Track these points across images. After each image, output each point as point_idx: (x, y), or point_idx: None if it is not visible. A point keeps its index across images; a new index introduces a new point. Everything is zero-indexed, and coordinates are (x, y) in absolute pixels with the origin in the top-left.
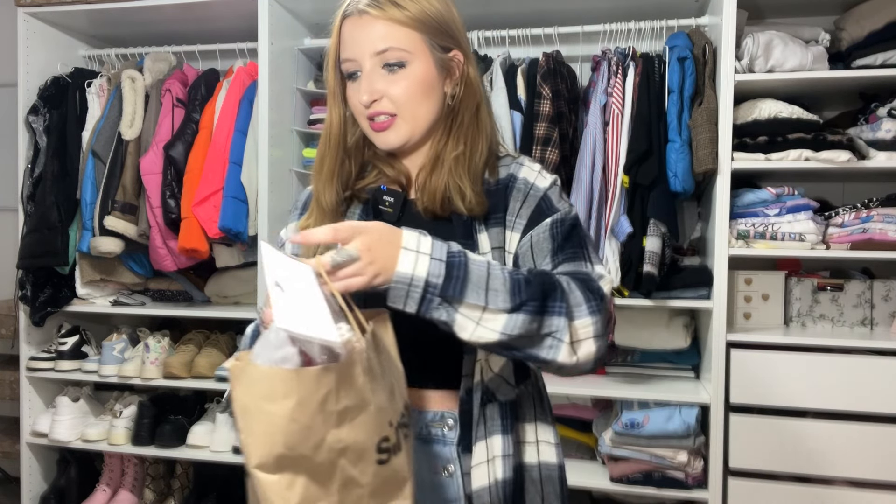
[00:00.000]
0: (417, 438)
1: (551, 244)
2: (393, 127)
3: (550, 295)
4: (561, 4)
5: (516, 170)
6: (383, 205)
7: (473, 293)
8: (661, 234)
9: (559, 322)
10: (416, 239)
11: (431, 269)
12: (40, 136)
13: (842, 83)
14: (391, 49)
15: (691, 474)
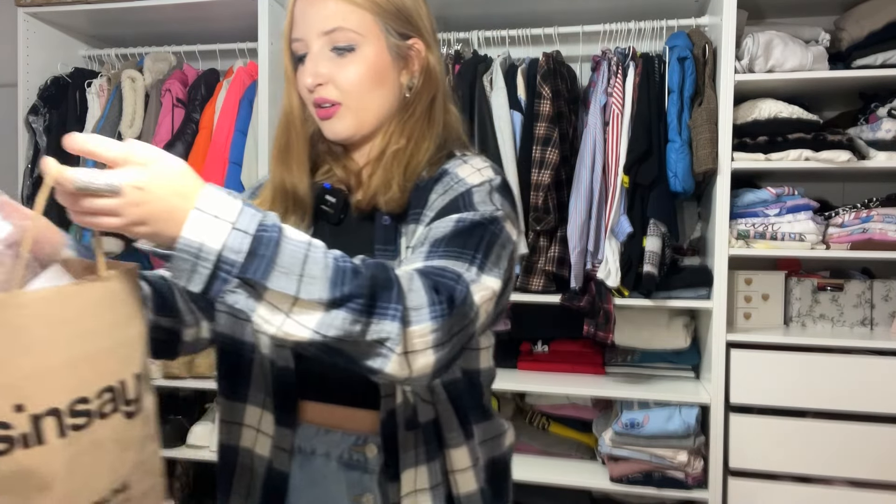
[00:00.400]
0: (339, 462)
1: (440, 234)
2: (339, 115)
3: (383, 292)
4: (561, 4)
5: (454, 165)
6: (325, 204)
7: (283, 278)
8: (661, 234)
9: (391, 327)
10: (220, 200)
11: (231, 241)
12: (40, 136)
13: (842, 83)
14: (340, 29)
15: (691, 474)
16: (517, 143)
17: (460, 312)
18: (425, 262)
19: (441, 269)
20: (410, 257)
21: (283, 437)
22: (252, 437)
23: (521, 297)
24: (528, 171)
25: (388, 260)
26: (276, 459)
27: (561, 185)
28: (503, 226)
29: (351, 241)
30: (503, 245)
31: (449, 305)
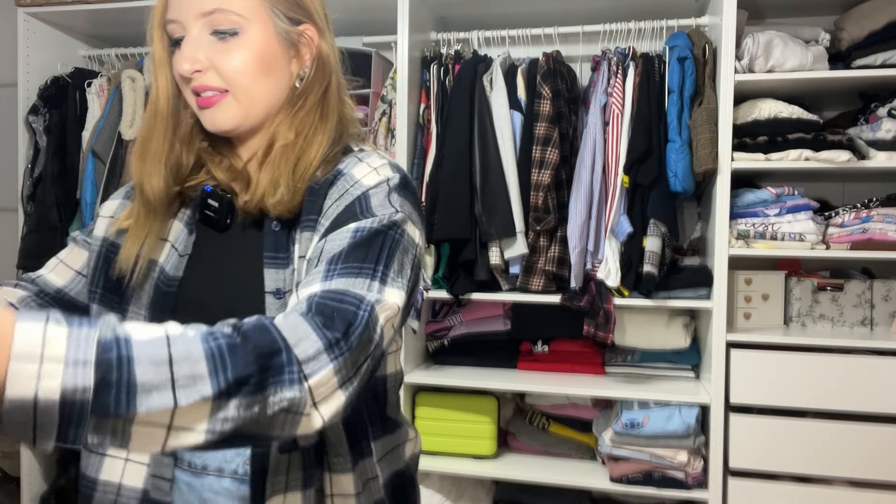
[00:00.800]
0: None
1: (337, 250)
2: (221, 105)
3: (271, 360)
4: (561, 4)
5: (350, 165)
6: (209, 209)
7: (151, 396)
8: (661, 234)
9: (291, 393)
10: (40, 334)
11: (69, 381)
12: (40, 136)
13: (842, 83)
14: (220, 11)
15: (691, 474)
16: (517, 143)
17: (363, 341)
18: (323, 283)
19: (341, 294)
20: (307, 277)
21: (161, 464)
22: (118, 467)
23: (521, 297)
24: (528, 171)
25: (278, 270)
26: (155, 489)
27: (561, 185)
28: (404, 229)
29: (237, 249)
30: (405, 250)
31: (346, 339)
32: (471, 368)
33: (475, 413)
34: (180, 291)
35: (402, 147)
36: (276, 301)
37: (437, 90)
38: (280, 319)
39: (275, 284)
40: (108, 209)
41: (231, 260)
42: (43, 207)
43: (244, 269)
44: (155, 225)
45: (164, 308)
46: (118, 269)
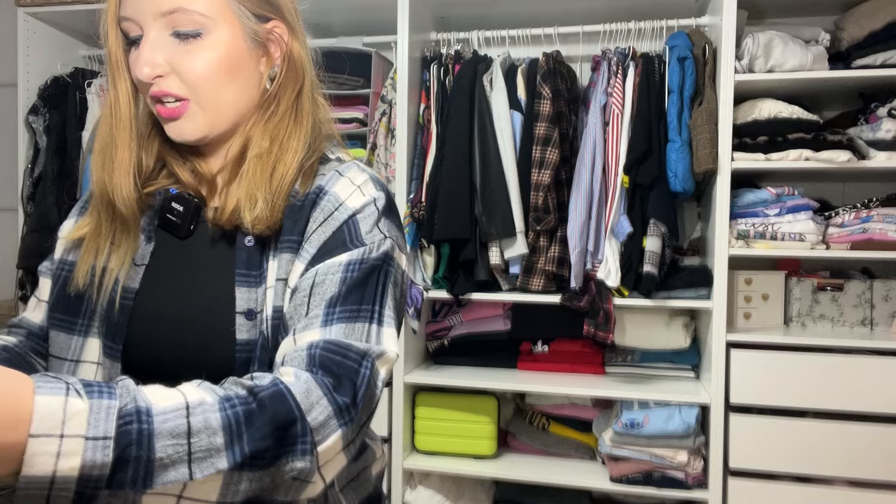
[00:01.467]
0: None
1: (335, 295)
2: (187, 115)
3: (287, 431)
4: (561, 4)
5: (331, 182)
6: (172, 213)
7: (169, 472)
8: (661, 234)
9: (302, 463)
10: (61, 410)
11: (88, 459)
12: (40, 136)
13: (842, 83)
14: (182, 11)
15: (691, 474)
16: (517, 143)
17: (367, 402)
18: (323, 330)
19: (344, 349)
20: (305, 320)
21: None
22: None
23: (521, 297)
24: (528, 171)
25: (250, 288)
26: None
27: (561, 185)
28: (394, 259)
29: (202, 261)
30: (396, 283)
31: (354, 405)
32: (471, 368)
33: (475, 413)
34: (137, 304)
35: (402, 147)
36: (247, 322)
37: (437, 90)
38: (292, 381)
39: (246, 304)
40: (65, 230)
41: (195, 273)
42: (43, 207)
43: (211, 284)
44: (123, 237)
45: (119, 322)
46: (74, 284)
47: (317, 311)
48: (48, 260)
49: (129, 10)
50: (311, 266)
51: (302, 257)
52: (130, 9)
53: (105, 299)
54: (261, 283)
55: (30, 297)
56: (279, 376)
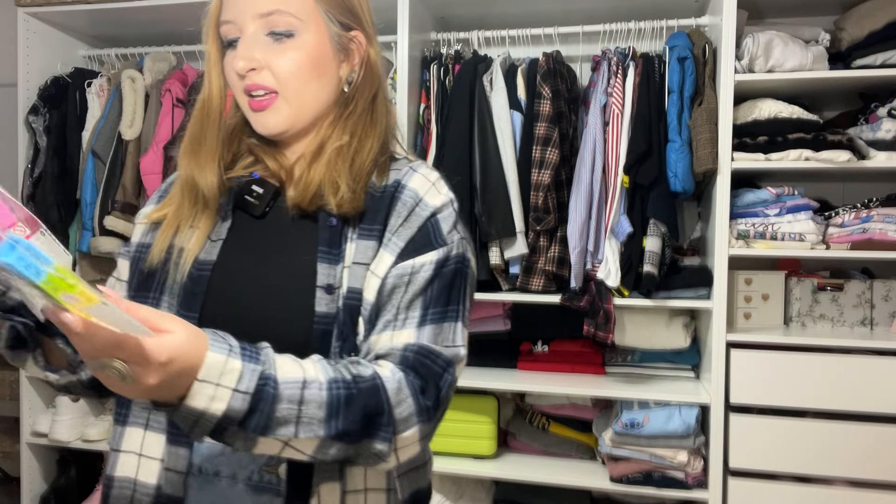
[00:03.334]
0: (246, 484)
1: (426, 295)
2: (273, 107)
3: (375, 420)
4: (561, 4)
5: (407, 177)
6: (250, 195)
7: (281, 428)
8: (661, 234)
9: (382, 446)
10: (222, 364)
11: (232, 404)
12: (40, 136)
13: (842, 83)
14: (279, 12)
15: (691, 474)
16: (517, 143)
17: (444, 404)
18: (418, 332)
19: (434, 355)
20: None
21: (176, 457)
22: (133, 463)
23: (521, 297)
24: (528, 171)
25: (330, 265)
26: (168, 484)
27: (561, 185)
28: (470, 260)
29: (281, 239)
30: (472, 283)
31: (434, 408)
32: (471, 368)
33: (475, 413)
34: (214, 275)
35: None
36: (326, 296)
37: (437, 90)
38: (388, 377)
39: (326, 280)
40: (143, 216)
41: (274, 249)
42: (43, 207)
43: (292, 259)
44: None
45: (196, 292)
46: (149, 261)
47: (410, 312)
48: (126, 245)
49: (229, 13)
50: (400, 261)
51: (389, 249)
52: (231, 13)
53: (180, 273)
54: (339, 261)
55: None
56: (378, 369)
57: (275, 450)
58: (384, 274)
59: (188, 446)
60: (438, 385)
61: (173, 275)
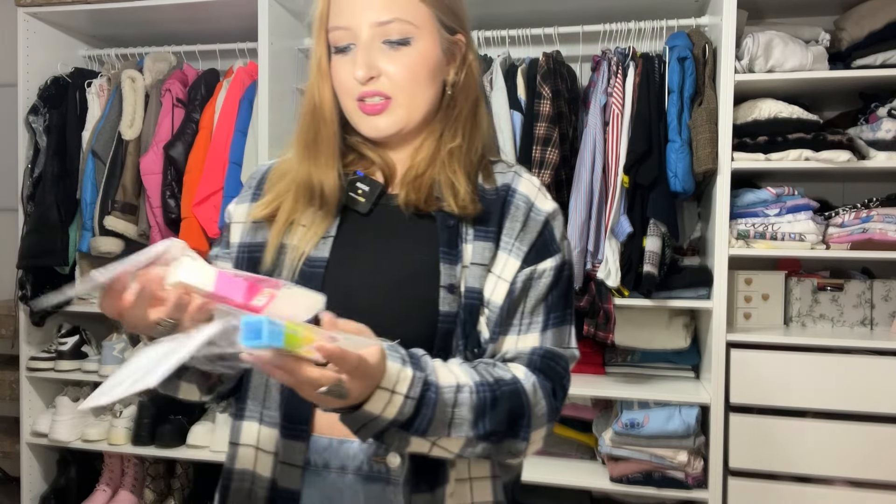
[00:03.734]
0: (356, 475)
1: (548, 301)
2: (387, 111)
3: (517, 422)
4: (561, 4)
5: (514, 181)
6: (355, 192)
7: (437, 428)
8: (661, 234)
9: (521, 446)
10: (397, 372)
11: (402, 409)
12: (40, 136)
13: (842, 83)
14: (397, 21)
15: (691, 474)
16: (517, 143)
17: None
18: (542, 336)
19: (557, 359)
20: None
21: (292, 451)
22: (250, 457)
23: None
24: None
25: (451, 265)
26: (283, 477)
27: (561, 185)
28: (573, 265)
29: (397, 237)
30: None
31: (560, 407)
32: None
33: None
34: (328, 273)
35: None
36: (449, 296)
37: None
38: (523, 379)
39: (448, 279)
40: (240, 215)
41: (390, 247)
42: (43, 207)
43: (413, 258)
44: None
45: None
46: (263, 263)
47: (534, 316)
48: (219, 247)
49: (344, 20)
50: (525, 266)
51: (514, 254)
52: (346, 19)
53: (293, 271)
54: (458, 261)
55: (30, 297)
56: (514, 373)
57: (424, 449)
58: (511, 278)
59: (305, 440)
60: (564, 386)
61: (287, 275)
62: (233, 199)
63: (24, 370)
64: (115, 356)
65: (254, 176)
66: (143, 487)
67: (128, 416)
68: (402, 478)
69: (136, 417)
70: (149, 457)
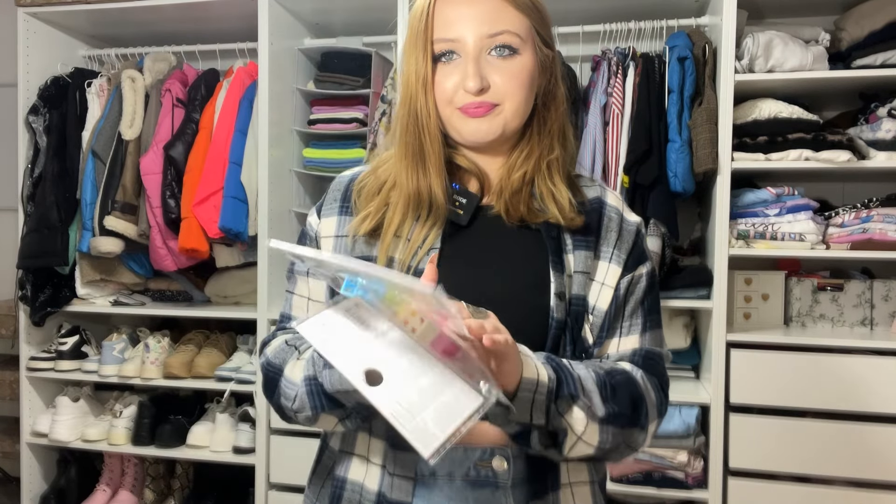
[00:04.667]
0: (464, 481)
1: (644, 305)
2: (490, 115)
3: (639, 407)
4: (561, 4)
5: (602, 194)
6: (453, 204)
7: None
8: (661, 234)
9: (640, 437)
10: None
11: (547, 371)
12: (40, 136)
13: (842, 83)
14: (507, 33)
15: (691, 474)
16: None
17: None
18: (642, 338)
19: (657, 356)
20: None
21: (403, 462)
22: (362, 468)
23: None
24: None
25: (559, 273)
26: (393, 490)
27: None
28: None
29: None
30: None
31: (667, 399)
32: None
33: None
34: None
35: None
36: (560, 303)
37: None
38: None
39: (559, 287)
40: (328, 229)
41: (497, 257)
42: (43, 207)
43: (525, 269)
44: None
45: None
46: None
47: (634, 319)
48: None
49: (450, 31)
50: (626, 272)
51: (614, 261)
52: (454, 31)
53: None
54: (564, 269)
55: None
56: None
57: (569, 444)
58: (615, 284)
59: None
60: (666, 381)
61: None
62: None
63: (24, 370)
64: (115, 356)
65: (336, 188)
66: (143, 487)
67: (128, 416)
68: (510, 481)
69: (136, 417)
70: (149, 457)
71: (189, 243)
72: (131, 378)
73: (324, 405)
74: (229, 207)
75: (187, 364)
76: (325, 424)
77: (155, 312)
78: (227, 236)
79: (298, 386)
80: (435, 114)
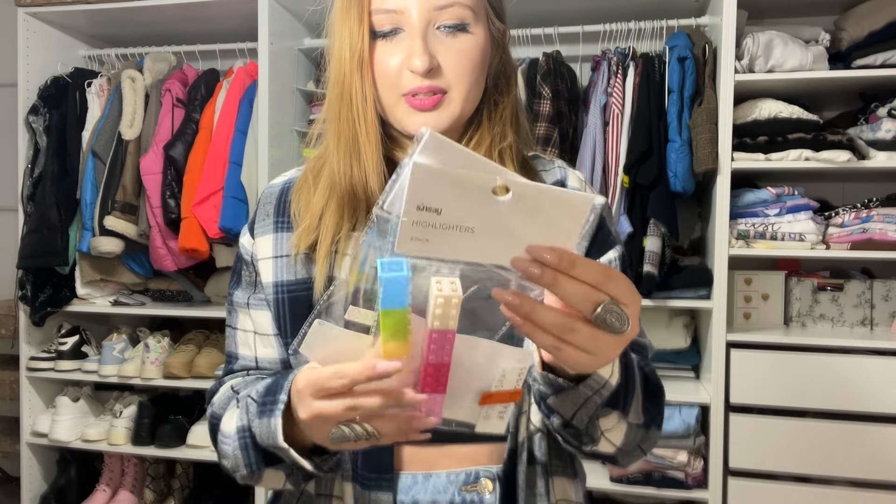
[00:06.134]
0: None
1: None
2: (440, 107)
3: (658, 400)
4: (561, 4)
5: (563, 175)
6: None
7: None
8: (661, 234)
9: (655, 435)
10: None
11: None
12: (40, 136)
13: (842, 83)
14: (457, 4)
15: (691, 474)
16: None
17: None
18: None
19: (643, 349)
20: None
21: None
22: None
23: None
24: None
25: None
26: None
27: None
28: None
29: None
30: None
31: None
32: None
33: None
34: None
35: None
36: None
37: None
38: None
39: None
40: (264, 250)
41: None
42: (43, 207)
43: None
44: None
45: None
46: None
47: None
48: (243, 289)
49: (396, 2)
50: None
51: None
52: (398, 1)
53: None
54: None
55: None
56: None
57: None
58: None
59: (389, 489)
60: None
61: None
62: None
63: (24, 370)
64: (115, 356)
65: (266, 201)
66: (143, 487)
67: (128, 416)
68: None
69: (135, 418)
70: (149, 457)
71: (189, 243)
72: (131, 378)
73: (258, 462)
74: (229, 207)
75: (187, 364)
76: (270, 482)
77: (155, 312)
78: (228, 236)
79: (232, 439)
80: (372, 98)
